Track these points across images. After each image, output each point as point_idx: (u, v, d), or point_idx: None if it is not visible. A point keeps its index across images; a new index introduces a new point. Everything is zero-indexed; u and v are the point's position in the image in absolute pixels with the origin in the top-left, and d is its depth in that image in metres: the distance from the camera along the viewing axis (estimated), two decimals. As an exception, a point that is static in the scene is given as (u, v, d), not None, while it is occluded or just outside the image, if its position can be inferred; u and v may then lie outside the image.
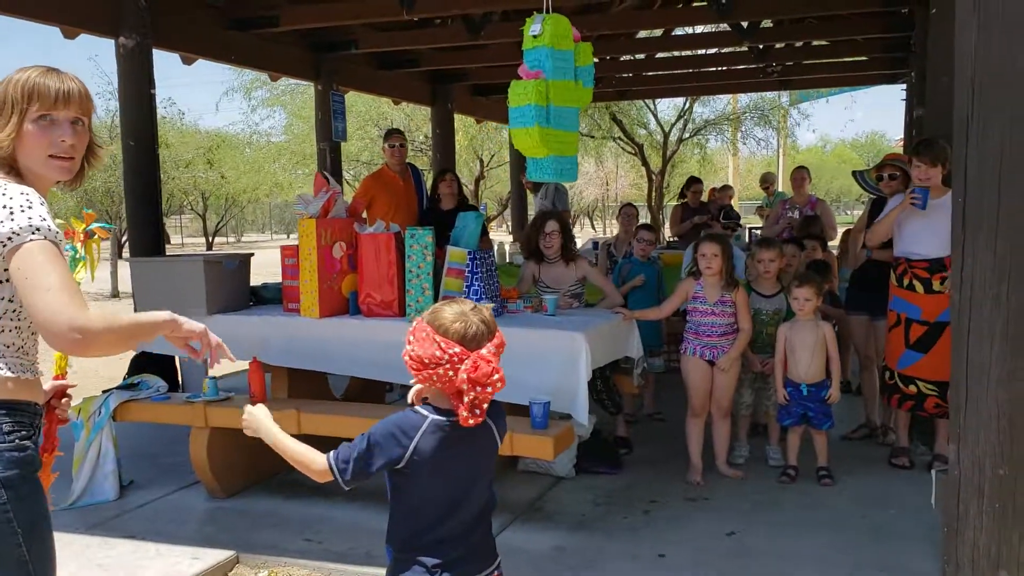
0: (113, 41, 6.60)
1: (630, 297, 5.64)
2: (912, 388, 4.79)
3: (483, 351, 2.14)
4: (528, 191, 11.31)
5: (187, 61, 7.66)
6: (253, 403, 2.64)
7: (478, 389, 2.10)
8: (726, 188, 11.71)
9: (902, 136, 11.35)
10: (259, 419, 2.38)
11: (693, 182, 9.38)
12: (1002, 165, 2.77)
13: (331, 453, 2.20)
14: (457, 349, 2.11)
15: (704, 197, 9.84)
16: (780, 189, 13.26)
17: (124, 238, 20.43)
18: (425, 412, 2.20)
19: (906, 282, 4.77)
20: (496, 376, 2.12)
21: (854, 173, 6.15)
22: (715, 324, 4.79)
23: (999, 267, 2.80)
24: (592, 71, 4.64)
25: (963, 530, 2.91)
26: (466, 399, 2.12)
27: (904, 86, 11.03)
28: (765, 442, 5.26)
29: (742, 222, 10.86)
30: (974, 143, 2.82)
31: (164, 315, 2.08)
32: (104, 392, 4.96)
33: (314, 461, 2.22)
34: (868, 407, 5.72)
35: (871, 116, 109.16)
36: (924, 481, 4.19)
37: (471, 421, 2.13)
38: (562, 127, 4.38)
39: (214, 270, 5.00)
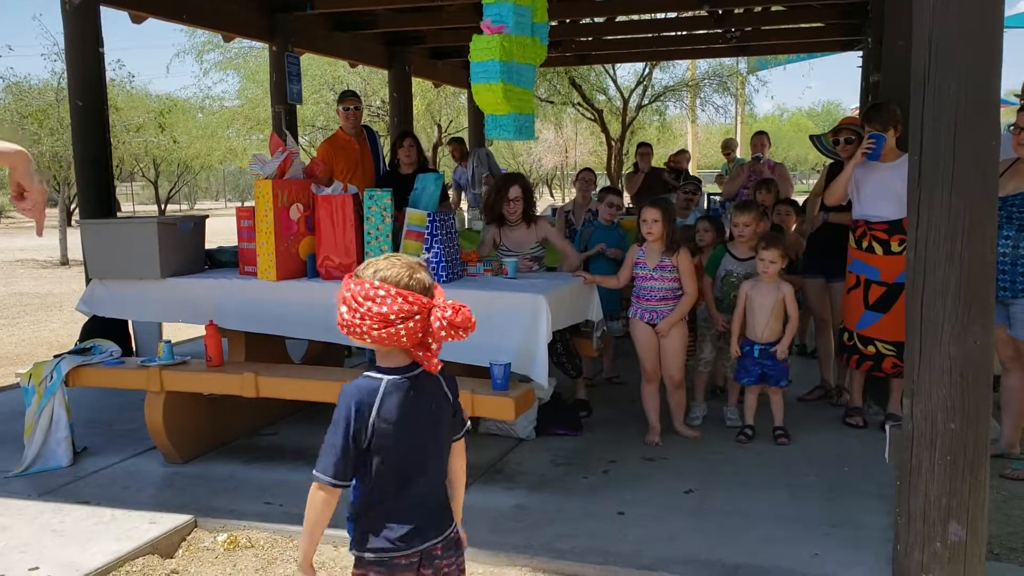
0: (58, -3, 6.39)
1: (592, 262, 5.65)
2: (871, 348, 4.87)
3: (440, 299, 2.14)
4: (454, 160, 11.15)
5: (136, 20, 7.44)
6: (209, 365, 2.59)
7: (458, 333, 2.10)
8: (682, 152, 11.68)
9: (858, 105, 11.45)
10: None
11: (643, 146, 9.54)
12: (957, 123, 2.81)
13: (313, 473, 2.15)
14: (424, 299, 2.11)
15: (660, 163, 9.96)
16: (739, 156, 13.33)
17: (74, 205, 19.99)
18: (378, 375, 2.18)
19: (865, 244, 4.83)
20: (473, 319, 2.13)
21: (811, 137, 6.20)
22: (654, 288, 4.81)
23: (953, 224, 2.84)
24: (547, 28, 4.61)
25: (915, 483, 2.98)
26: (435, 346, 2.13)
27: (860, 53, 11.11)
28: (724, 403, 5.33)
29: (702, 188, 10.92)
30: (930, 102, 2.85)
31: (14, 147, 2.11)
32: (56, 357, 4.85)
33: (314, 501, 2.16)
34: (823, 369, 5.82)
35: (828, 86, 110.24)
36: (877, 440, 4.29)
37: (437, 363, 2.16)
38: (521, 84, 4.35)
39: (168, 232, 4.90)
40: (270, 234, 4.59)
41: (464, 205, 11.28)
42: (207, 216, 5.37)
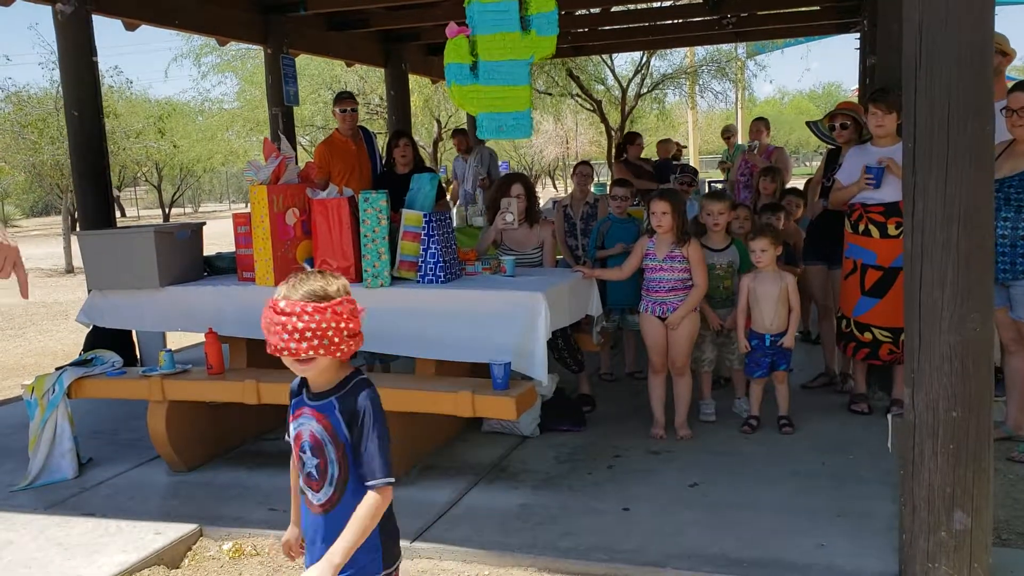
0: (50, 8, 6.38)
1: (610, 257, 5.61)
2: (867, 335, 4.85)
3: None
4: (458, 151, 11.03)
5: (129, 27, 7.43)
6: (210, 373, 2.63)
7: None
8: (666, 142, 11.59)
9: (857, 86, 11.38)
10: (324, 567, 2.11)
11: (633, 137, 9.55)
12: (950, 109, 2.78)
13: (374, 481, 2.12)
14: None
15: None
16: (740, 141, 13.29)
17: (76, 212, 20.01)
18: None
19: (861, 227, 4.80)
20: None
21: (808, 123, 6.17)
22: (663, 280, 4.79)
23: (949, 211, 2.82)
24: (554, 17, 4.51)
25: (918, 472, 2.96)
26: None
27: (857, 35, 11.04)
28: (733, 395, 5.30)
29: (701, 176, 10.92)
30: (923, 88, 2.82)
31: None
32: (57, 369, 4.85)
33: (370, 508, 2.11)
34: (827, 356, 5.79)
35: (827, 67, 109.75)
36: (882, 426, 4.25)
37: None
38: (497, 82, 4.31)
39: (165, 241, 4.89)
40: (267, 240, 4.58)
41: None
42: (204, 223, 5.36)
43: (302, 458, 2.22)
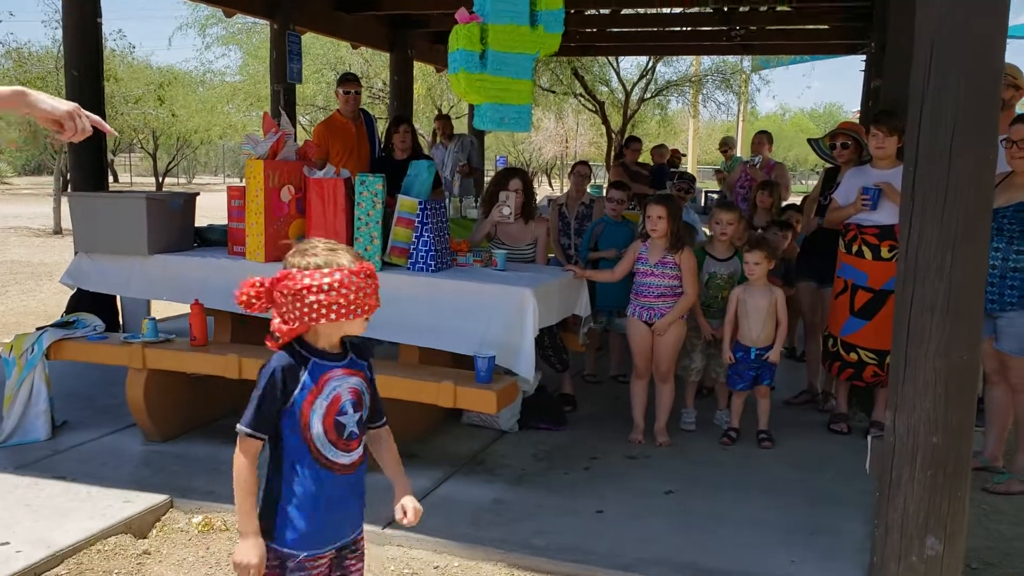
0: (56, -35, 6.32)
1: (601, 260, 5.59)
2: (853, 356, 4.85)
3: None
4: (441, 139, 10.75)
5: (136, -9, 7.37)
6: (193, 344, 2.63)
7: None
8: (660, 147, 11.54)
9: (859, 108, 11.40)
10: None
11: (632, 141, 9.52)
12: (954, 136, 2.77)
13: (384, 418, 2.38)
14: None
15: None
16: (738, 154, 13.29)
17: (69, 173, 19.86)
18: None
19: (855, 248, 4.80)
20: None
21: (809, 140, 6.17)
22: (652, 285, 4.77)
23: (945, 238, 2.81)
24: (560, 16, 4.51)
25: (894, 496, 2.96)
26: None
27: (864, 57, 11.07)
28: (715, 405, 5.30)
29: (698, 186, 10.90)
30: (928, 113, 2.81)
31: (8, 89, 2.02)
32: (38, 329, 4.81)
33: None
34: (811, 373, 5.80)
35: (828, 87, 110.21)
36: (861, 447, 4.26)
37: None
38: (504, 73, 4.27)
39: (157, 208, 4.85)
40: (260, 215, 4.55)
41: None
42: (198, 193, 5.32)
43: (340, 421, 2.21)
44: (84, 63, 6.47)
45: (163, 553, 3.50)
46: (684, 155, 19.99)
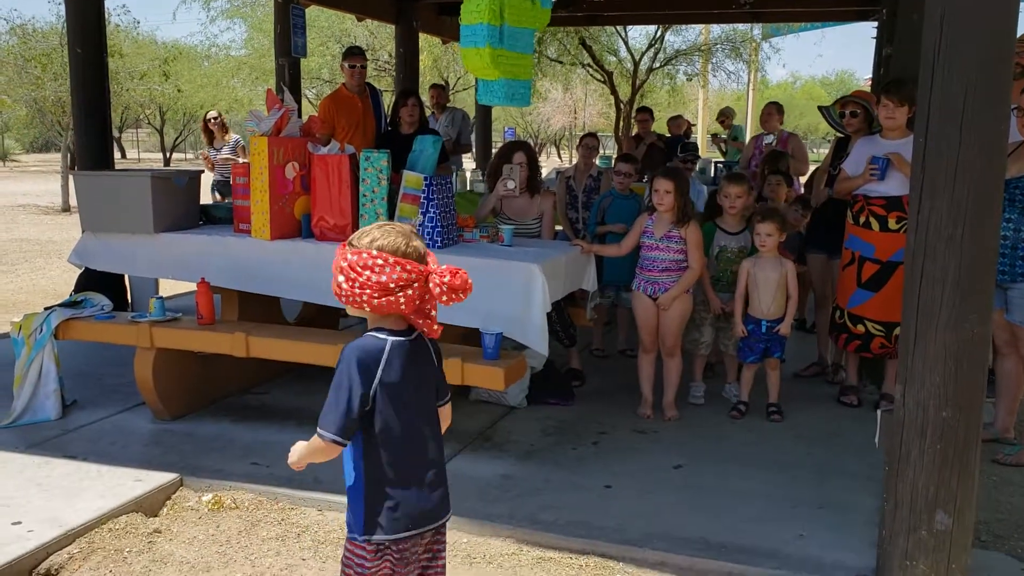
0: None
1: (608, 234, 5.56)
2: (860, 328, 4.82)
3: (435, 264, 2.14)
4: (430, 105, 10.37)
5: (138, -34, 7.31)
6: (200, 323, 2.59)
7: (457, 295, 2.11)
8: (677, 119, 11.41)
9: (871, 76, 11.26)
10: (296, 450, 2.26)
11: (642, 112, 9.40)
12: (965, 108, 2.72)
13: (318, 428, 2.14)
14: (421, 267, 2.12)
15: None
16: (739, 124, 13.14)
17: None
18: (383, 336, 2.18)
19: (862, 219, 4.75)
20: (470, 281, 2.13)
21: (820, 108, 6.09)
22: (657, 259, 4.74)
23: (955, 211, 2.77)
24: None
25: (904, 470, 2.95)
26: (433, 312, 2.17)
27: (875, 24, 10.91)
28: (724, 379, 5.28)
29: (708, 156, 10.81)
30: (939, 84, 2.76)
31: None
32: (46, 309, 4.82)
33: (315, 446, 2.17)
34: (821, 345, 5.77)
35: (841, 54, 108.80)
36: (871, 420, 4.24)
37: (438, 328, 2.20)
38: (516, 49, 4.23)
39: (162, 187, 4.84)
40: (264, 192, 4.53)
41: None
42: (202, 171, 5.30)
43: None
44: (88, 39, 6.42)
45: (174, 531, 3.52)
46: (694, 125, 19.82)
